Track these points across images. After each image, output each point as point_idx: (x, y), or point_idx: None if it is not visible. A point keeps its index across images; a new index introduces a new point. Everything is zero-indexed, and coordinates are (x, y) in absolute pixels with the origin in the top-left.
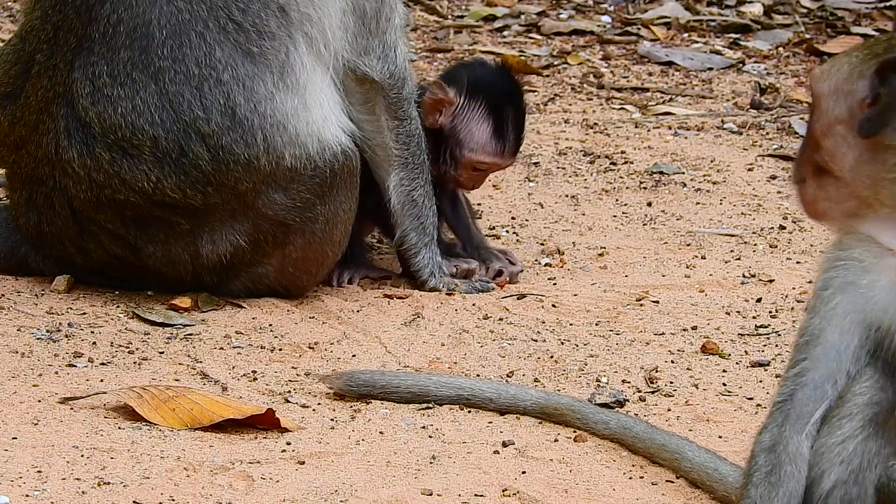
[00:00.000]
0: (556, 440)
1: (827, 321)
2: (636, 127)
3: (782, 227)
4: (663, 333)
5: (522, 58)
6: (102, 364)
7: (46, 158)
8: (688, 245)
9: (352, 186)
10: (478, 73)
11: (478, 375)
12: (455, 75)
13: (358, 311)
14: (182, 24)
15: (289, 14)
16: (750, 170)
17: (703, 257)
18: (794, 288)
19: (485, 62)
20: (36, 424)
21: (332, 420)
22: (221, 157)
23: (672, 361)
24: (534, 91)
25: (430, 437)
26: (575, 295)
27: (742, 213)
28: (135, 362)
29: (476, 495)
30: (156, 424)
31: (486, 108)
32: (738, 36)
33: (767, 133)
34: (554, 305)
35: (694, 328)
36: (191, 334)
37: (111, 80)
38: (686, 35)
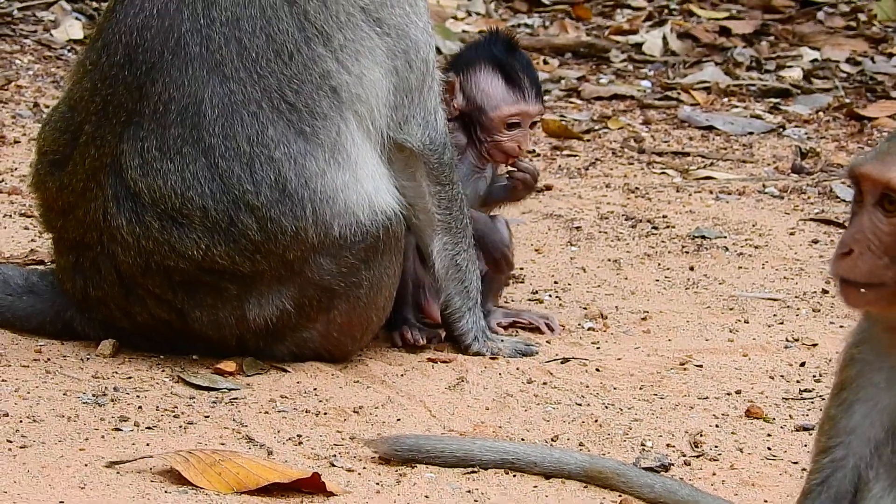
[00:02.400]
0: None
1: (858, 411)
2: (677, 191)
3: (825, 292)
4: (707, 397)
5: (563, 122)
6: (148, 428)
7: (94, 224)
8: (731, 309)
9: (396, 251)
10: (467, 47)
11: (522, 439)
12: (451, 61)
13: (402, 376)
14: (234, 105)
15: (340, 94)
16: (792, 234)
17: (747, 321)
18: (837, 352)
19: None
20: (83, 488)
21: (377, 484)
22: (270, 228)
23: (716, 425)
24: (575, 156)
25: (476, 501)
26: (618, 359)
27: (784, 278)
28: (180, 426)
29: None
30: (202, 488)
31: (487, 66)
32: (778, 100)
33: (809, 197)
34: (598, 369)
35: (738, 392)
36: (236, 398)
37: (160, 154)
38: (726, 100)
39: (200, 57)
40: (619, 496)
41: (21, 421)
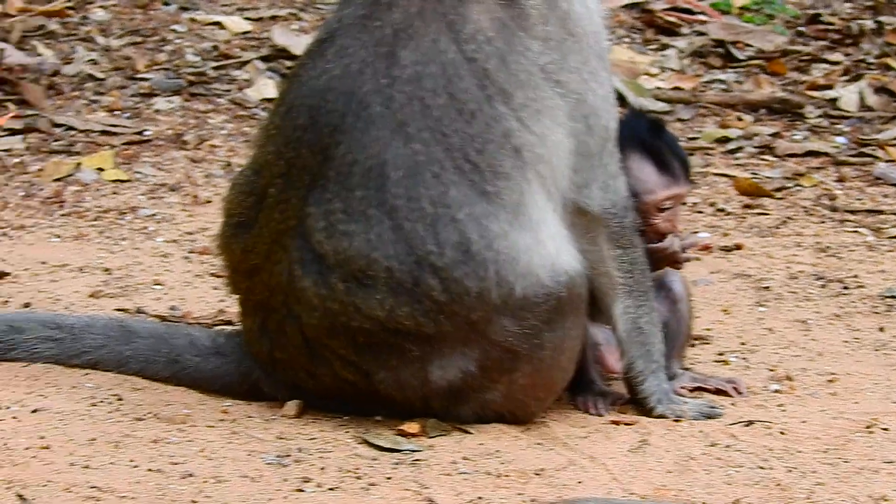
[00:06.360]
0: None
1: None
2: (869, 250)
3: None
4: (893, 461)
5: (755, 180)
6: (330, 489)
7: (279, 287)
8: None
9: (579, 312)
10: None
11: (703, 503)
12: None
13: (585, 438)
14: (418, 165)
15: (522, 154)
16: None
17: None
18: None
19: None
20: None
21: None
22: (453, 289)
23: None
24: (766, 214)
25: None
26: (803, 422)
27: None
28: (362, 487)
29: None
30: None
31: (637, 152)
32: None
33: None
34: (782, 432)
35: None
36: (418, 460)
37: (346, 216)
38: None
39: (383, 117)
40: None
41: (206, 481)
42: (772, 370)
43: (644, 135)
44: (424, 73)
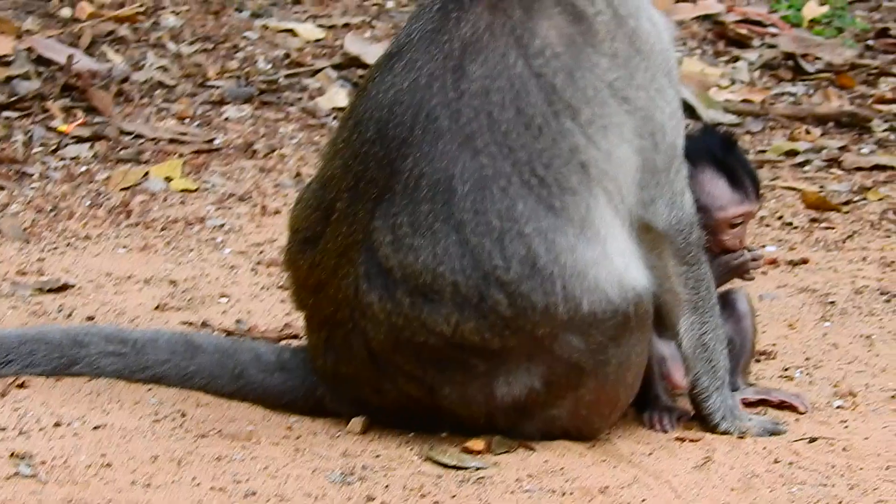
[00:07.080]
0: None
1: None
2: None
3: None
4: None
5: (822, 194)
6: None
7: (346, 301)
8: None
9: (646, 329)
10: (686, 146)
11: None
12: None
13: (650, 455)
14: (485, 179)
15: (589, 170)
16: None
17: None
18: None
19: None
20: None
21: None
22: (520, 303)
23: None
24: (832, 228)
25: None
26: (866, 438)
27: None
28: None
29: None
30: None
31: (710, 167)
32: None
33: None
34: (844, 449)
35: None
36: (483, 477)
37: (412, 230)
38: None
39: (450, 131)
40: None
41: (269, 500)
42: (835, 386)
43: (717, 151)
44: (492, 88)
